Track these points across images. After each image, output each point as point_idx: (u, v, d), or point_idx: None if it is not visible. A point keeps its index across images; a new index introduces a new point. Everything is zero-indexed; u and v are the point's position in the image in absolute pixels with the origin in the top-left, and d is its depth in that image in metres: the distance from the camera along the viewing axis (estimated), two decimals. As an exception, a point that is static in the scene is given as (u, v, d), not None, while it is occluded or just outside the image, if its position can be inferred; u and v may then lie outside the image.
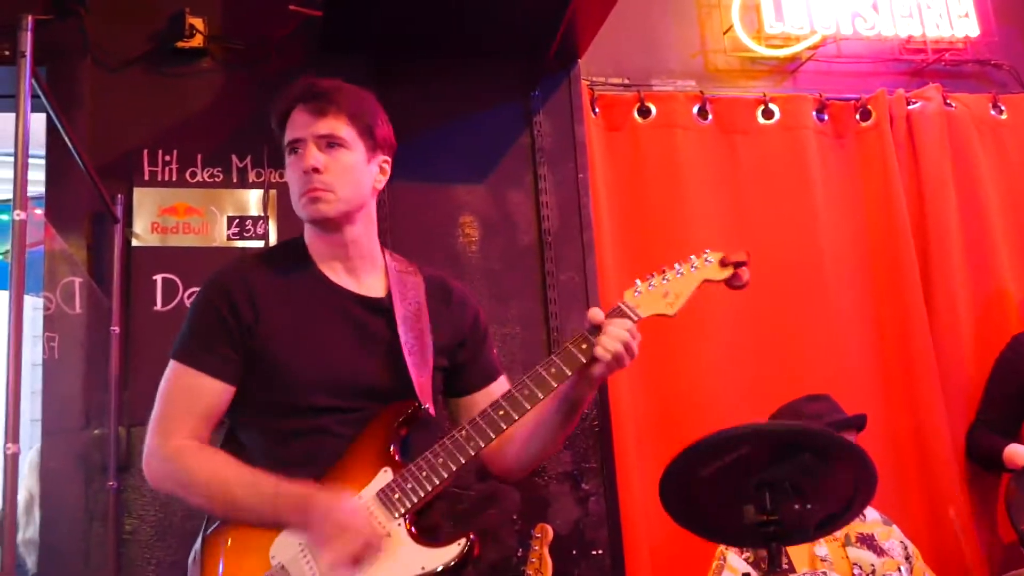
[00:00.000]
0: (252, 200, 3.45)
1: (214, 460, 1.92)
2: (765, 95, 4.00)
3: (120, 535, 3.13)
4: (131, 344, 3.24)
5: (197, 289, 3.23)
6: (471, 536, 1.88)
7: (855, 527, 3.09)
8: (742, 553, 2.96)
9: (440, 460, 1.89)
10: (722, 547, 3.00)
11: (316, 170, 1.96)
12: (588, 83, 3.85)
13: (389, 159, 2.10)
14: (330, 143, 1.98)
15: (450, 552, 1.86)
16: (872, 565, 3.09)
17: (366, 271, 2.06)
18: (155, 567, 3.13)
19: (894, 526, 3.25)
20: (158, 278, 3.32)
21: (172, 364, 1.97)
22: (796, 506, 2.20)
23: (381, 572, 1.84)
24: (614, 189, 3.80)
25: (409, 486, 1.88)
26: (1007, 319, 3.93)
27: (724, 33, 4.11)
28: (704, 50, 4.11)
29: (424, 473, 1.88)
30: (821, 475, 2.27)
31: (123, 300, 3.25)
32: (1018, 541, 3.30)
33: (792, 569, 2.96)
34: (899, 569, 2.66)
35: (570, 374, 1.91)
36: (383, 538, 1.84)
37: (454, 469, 1.89)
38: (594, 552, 3.40)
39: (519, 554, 3.26)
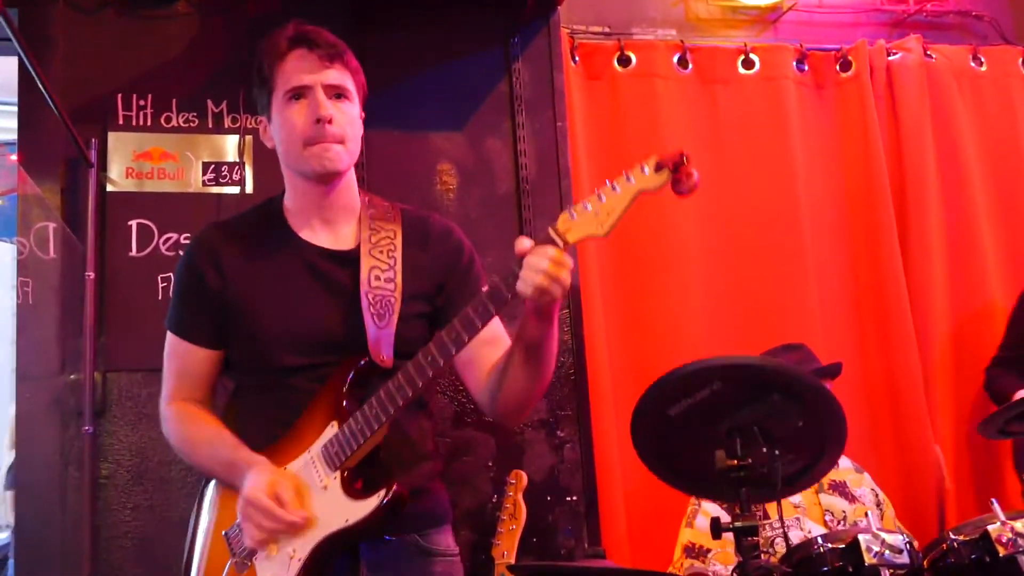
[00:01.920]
0: (228, 146, 3.42)
1: (193, 422, 2.04)
2: (746, 45, 3.99)
3: (96, 479, 3.15)
4: (106, 289, 3.24)
5: (172, 235, 3.34)
6: (393, 487, 1.84)
7: (828, 475, 3.08)
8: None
9: (373, 412, 1.86)
10: (697, 491, 3.06)
11: (330, 120, 1.94)
12: (568, 31, 3.83)
13: (363, 114, 2.08)
14: (338, 94, 1.97)
15: (370, 504, 1.84)
16: (843, 511, 3.14)
17: (343, 222, 2.05)
18: (131, 511, 3.16)
19: (865, 474, 3.31)
20: (133, 223, 3.30)
21: (167, 332, 2.09)
22: (765, 450, 2.21)
23: (310, 526, 1.88)
24: (593, 138, 3.78)
25: (346, 439, 1.88)
26: (983, 271, 3.97)
27: None
28: None
29: (359, 426, 1.87)
30: (791, 421, 2.28)
31: (98, 245, 3.23)
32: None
33: (766, 515, 3.01)
34: (866, 515, 2.70)
35: (494, 312, 1.77)
36: (291, 522, 1.86)
37: (384, 420, 1.86)
38: (568, 499, 3.43)
39: (494, 500, 3.30)
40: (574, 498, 3.44)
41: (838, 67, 4.07)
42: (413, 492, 1.92)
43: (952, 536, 2.52)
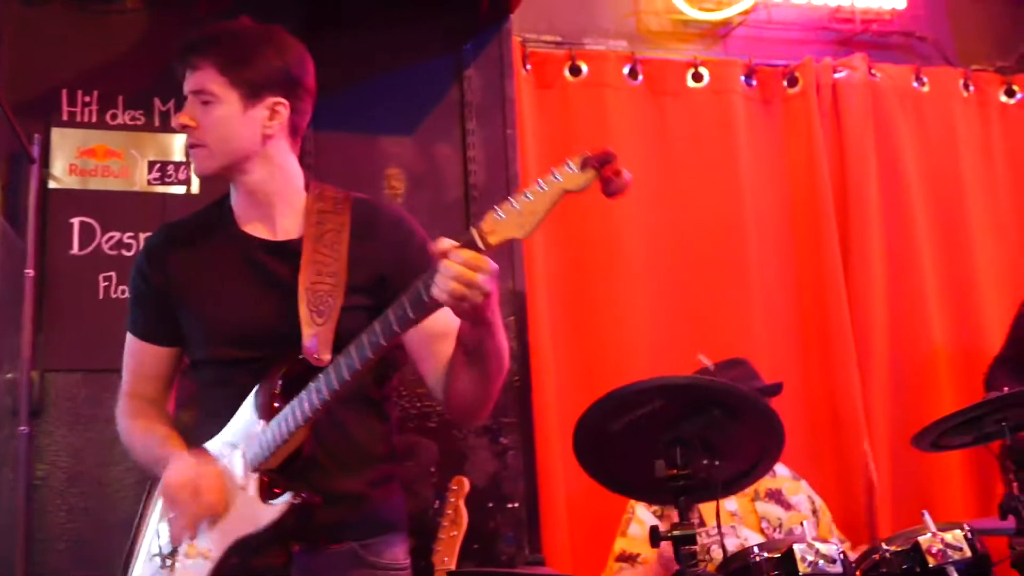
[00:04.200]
0: (175, 145, 3.39)
1: (135, 417, 2.08)
2: (696, 58, 4.07)
3: (31, 481, 3.11)
4: (46, 288, 3.21)
5: (115, 234, 3.32)
6: (302, 494, 1.83)
7: (764, 483, 3.19)
8: (650, 507, 3.05)
9: (293, 414, 1.84)
10: (633, 500, 3.09)
11: (186, 127, 1.98)
12: (520, 39, 3.87)
13: (285, 100, 2.00)
14: (203, 99, 1.97)
15: (275, 511, 1.83)
16: (779, 519, 3.20)
17: (282, 214, 2.04)
18: (67, 513, 3.13)
19: (803, 481, 3.37)
20: (75, 221, 3.27)
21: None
22: (705, 462, 2.30)
23: (225, 527, 1.88)
24: (543, 146, 3.82)
25: (267, 439, 1.87)
26: (921, 285, 4.08)
27: None
28: (637, 11, 4.17)
29: (278, 427, 1.85)
30: (730, 432, 2.37)
31: (38, 243, 3.20)
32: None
33: (702, 523, 3.05)
34: (802, 523, 2.76)
35: (415, 318, 1.69)
36: (211, 507, 1.87)
37: (301, 423, 1.83)
38: (510, 505, 3.46)
39: (435, 506, 3.29)
40: (516, 505, 3.47)
41: (785, 83, 4.16)
42: (348, 498, 1.91)
43: (884, 546, 2.57)
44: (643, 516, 3.09)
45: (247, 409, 1.92)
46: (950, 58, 4.43)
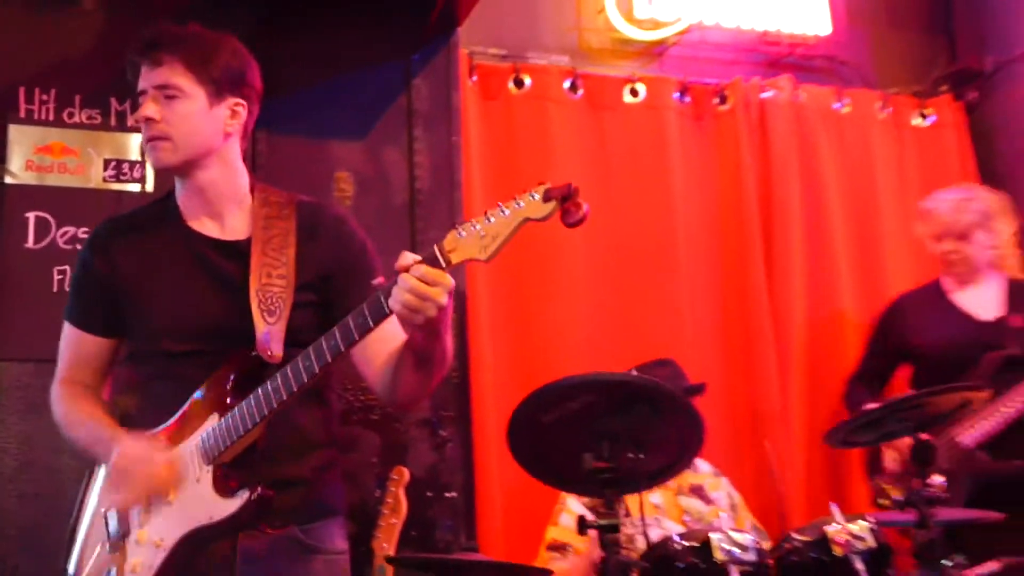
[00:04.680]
0: (131, 144, 3.45)
1: (74, 401, 2.10)
2: (633, 75, 4.16)
3: (-19, 468, 3.11)
4: (1, 280, 3.24)
5: (70, 229, 3.38)
6: (258, 490, 1.85)
7: (687, 478, 3.33)
8: (581, 498, 3.12)
9: (251, 409, 1.86)
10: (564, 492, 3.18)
11: (151, 120, 1.99)
12: (468, 52, 3.95)
13: (243, 102, 2.08)
14: (167, 94, 1.99)
15: (233, 504, 1.86)
16: (700, 513, 3.32)
17: (230, 213, 2.09)
18: (18, 499, 3.15)
19: (723, 478, 3.49)
20: (31, 216, 3.30)
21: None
22: (631, 455, 2.38)
23: (178, 517, 1.91)
24: (487, 154, 3.92)
25: (223, 433, 1.89)
26: (838, 292, 4.23)
27: (598, 13, 4.24)
28: (579, 28, 4.25)
29: (235, 421, 1.88)
30: (655, 428, 2.46)
31: (-6, 236, 3.21)
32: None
33: (628, 514, 3.19)
34: (719, 516, 2.93)
35: (373, 324, 1.76)
36: (164, 484, 1.91)
37: (259, 419, 1.86)
38: (448, 495, 3.54)
39: (377, 495, 3.32)
40: (454, 494, 3.55)
41: (716, 100, 4.28)
42: (294, 483, 1.96)
43: (795, 536, 2.71)
44: (574, 507, 3.17)
45: (203, 402, 1.95)
46: (869, 81, 4.57)
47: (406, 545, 3.28)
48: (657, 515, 3.25)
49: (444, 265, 1.69)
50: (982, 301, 3.62)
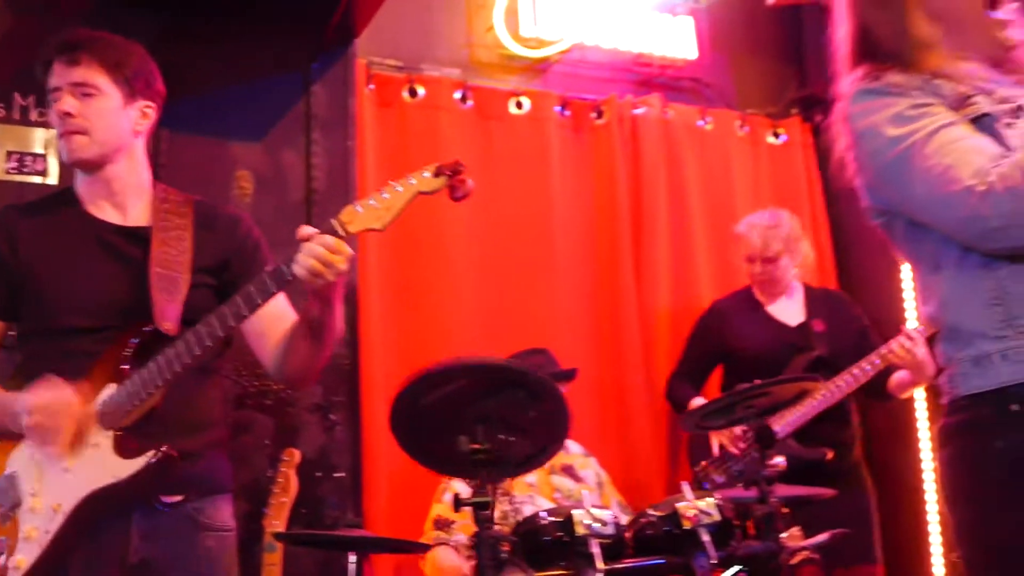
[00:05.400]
0: (34, 138, 3.50)
1: None
2: (518, 89, 4.37)
3: None
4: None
5: None
6: (162, 448, 1.92)
7: (560, 458, 3.56)
8: None
9: (151, 376, 1.94)
10: (449, 471, 3.31)
11: (69, 114, 2.07)
12: (366, 61, 4.09)
13: (153, 104, 2.19)
14: (85, 92, 2.08)
15: (137, 463, 1.93)
16: (570, 490, 3.57)
17: (133, 204, 2.18)
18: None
19: (592, 458, 3.75)
20: (-72, 204, 3.34)
21: None
22: (503, 437, 2.45)
23: (78, 480, 1.94)
24: (381, 158, 4.07)
25: (122, 400, 1.96)
26: (698, 288, 4.53)
27: (487, 31, 4.42)
28: (470, 44, 4.42)
29: (135, 388, 1.96)
30: (527, 412, 2.56)
31: None
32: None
33: (506, 493, 3.37)
34: (584, 492, 3.16)
35: (275, 290, 1.89)
36: (74, 424, 1.94)
37: (160, 385, 1.94)
38: (336, 475, 3.66)
39: (268, 475, 3.43)
40: (342, 474, 3.66)
41: (593, 115, 4.49)
42: (189, 456, 2.01)
43: (650, 512, 2.87)
44: (457, 486, 3.36)
45: (99, 373, 2.00)
46: (730, 102, 4.83)
47: (296, 522, 3.37)
48: (531, 492, 3.47)
49: (343, 235, 1.84)
50: (788, 310, 4.01)
